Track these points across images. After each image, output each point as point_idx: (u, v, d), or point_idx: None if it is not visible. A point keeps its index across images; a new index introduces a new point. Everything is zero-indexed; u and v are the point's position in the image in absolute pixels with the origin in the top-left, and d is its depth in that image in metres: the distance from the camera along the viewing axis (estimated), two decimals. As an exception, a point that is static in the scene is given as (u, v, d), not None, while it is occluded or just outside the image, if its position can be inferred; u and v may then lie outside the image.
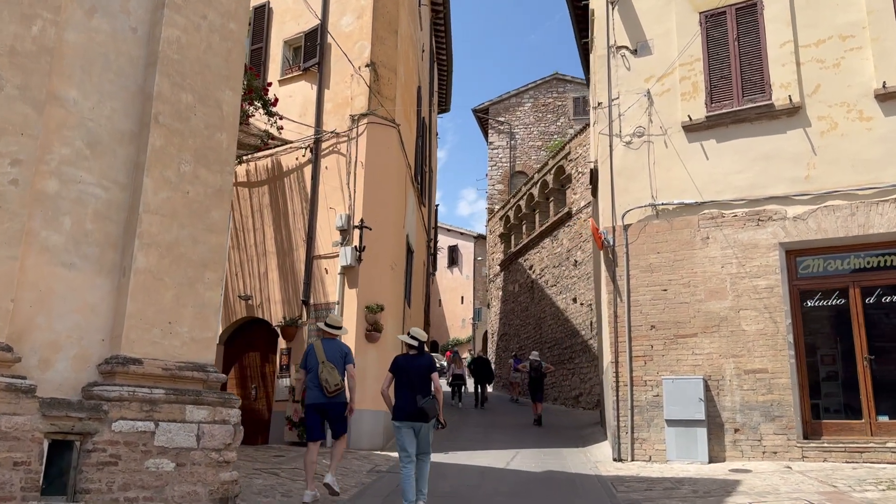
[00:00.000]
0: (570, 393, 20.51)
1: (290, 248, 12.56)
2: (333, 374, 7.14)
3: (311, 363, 7.36)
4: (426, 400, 6.51)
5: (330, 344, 7.45)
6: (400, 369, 6.83)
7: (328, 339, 7.52)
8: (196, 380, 6.66)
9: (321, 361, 7.22)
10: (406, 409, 6.57)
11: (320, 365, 7.20)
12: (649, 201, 10.65)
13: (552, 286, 22.41)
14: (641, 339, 10.26)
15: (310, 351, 7.46)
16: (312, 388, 7.28)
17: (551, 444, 12.44)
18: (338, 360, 7.28)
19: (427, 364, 6.78)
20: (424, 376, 6.68)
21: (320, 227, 12.26)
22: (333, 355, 7.30)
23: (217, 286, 7.16)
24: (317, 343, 7.48)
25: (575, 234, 20.85)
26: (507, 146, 30.79)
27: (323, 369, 7.15)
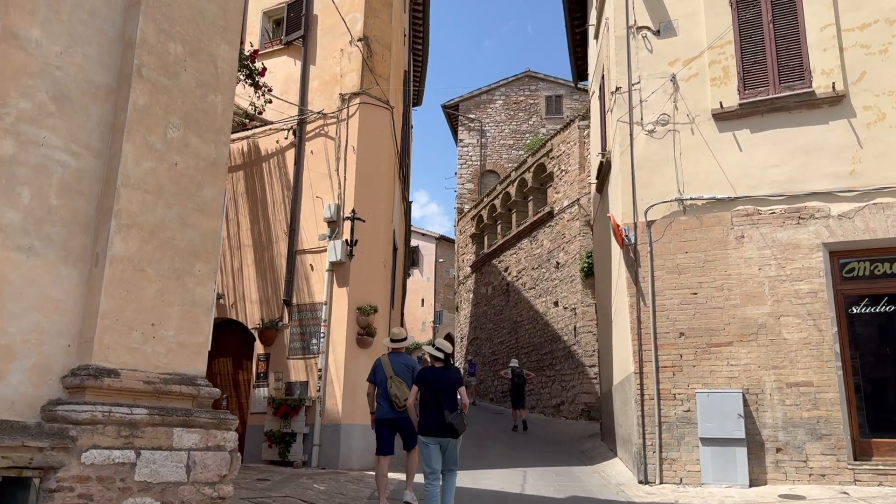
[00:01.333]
0: (551, 401, 19.56)
1: (270, 241, 11.22)
2: (402, 389, 7.08)
3: (379, 377, 7.36)
4: (454, 415, 6.28)
5: (396, 358, 7.45)
6: (426, 383, 6.54)
7: (394, 354, 7.53)
8: (185, 396, 5.39)
9: (389, 376, 7.20)
10: (434, 425, 6.33)
11: (388, 380, 7.19)
12: (676, 196, 9.71)
13: (531, 289, 21.45)
14: (669, 347, 9.29)
15: (377, 366, 7.48)
16: (382, 402, 7.26)
17: (555, 461, 11.39)
18: (405, 374, 7.24)
19: (455, 378, 6.60)
20: (452, 391, 6.47)
21: (304, 219, 10.95)
22: (400, 369, 7.28)
23: (210, 280, 5.88)
24: (384, 358, 7.50)
25: (557, 235, 19.94)
26: (477, 144, 29.78)
27: (392, 384, 7.14)
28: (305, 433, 9.93)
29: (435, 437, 6.34)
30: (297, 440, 9.92)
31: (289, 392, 10.32)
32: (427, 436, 6.38)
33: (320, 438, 9.91)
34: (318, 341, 10.28)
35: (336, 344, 10.19)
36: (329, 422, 9.95)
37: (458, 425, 6.26)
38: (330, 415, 9.97)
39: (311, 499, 7.60)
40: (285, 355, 10.54)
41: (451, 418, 6.24)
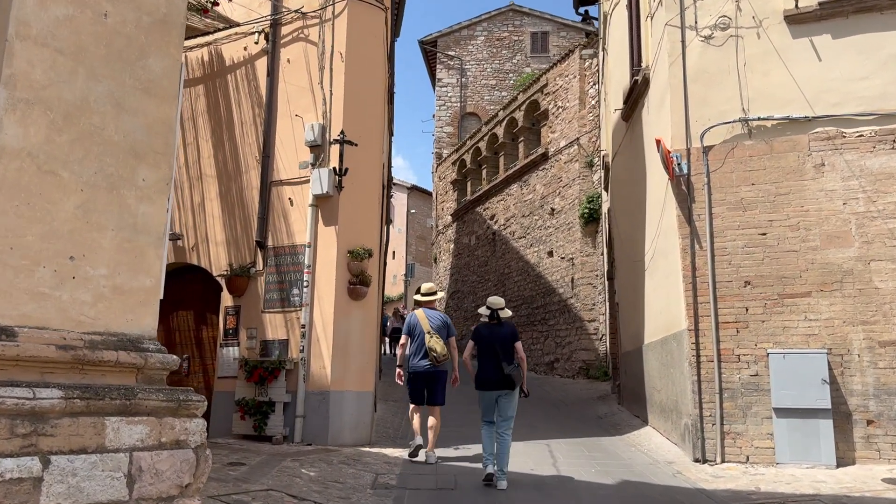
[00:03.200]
0: (543, 358, 18.08)
1: (238, 170, 9.22)
2: (441, 345, 7.30)
3: (415, 332, 7.50)
4: (512, 367, 6.54)
5: (432, 313, 7.64)
6: (483, 339, 6.79)
7: (429, 309, 7.68)
8: (124, 367, 3.63)
9: (426, 331, 7.39)
10: (491, 378, 6.61)
11: (426, 335, 7.37)
12: (739, 115, 8.00)
13: (520, 238, 19.77)
14: (731, 299, 7.68)
15: (413, 320, 7.61)
16: (417, 355, 7.43)
17: (574, 429, 9.84)
18: (441, 329, 7.45)
19: (510, 332, 6.81)
20: (509, 345, 6.69)
21: (281, 142, 8.96)
22: (437, 325, 7.47)
23: (160, 195, 4.04)
24: (420, 313, 7.61)
25: (552, 179, 18.20)
26: (457, 84, 27.67)
27: (430, 339, 7.32)
28: (286, 402, 8.16)
29: (492, 391, 6.64)
30: (275, 410, 8.14)
31: (265, 352, 8.49)
32: (484, 389, 6.69)
33: (304, 408, 8.14)
34: (301, 291, 8.42)
35: (323, 295, 8.35)
36: (315, 388, 8.18)
37: (516, 376, 6.54)
38: (316, 380, 8.19)
39: (301, 491, 5.88)
40: (260, 308, 8.68)
41: (510, 370, 6.51)
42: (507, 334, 6.73)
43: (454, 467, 7.31)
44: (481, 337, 6.79)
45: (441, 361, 7.31)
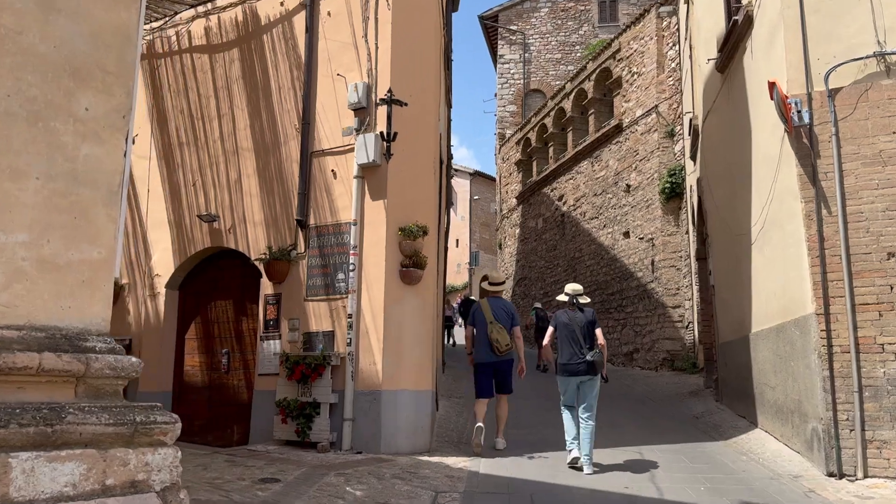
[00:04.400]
0: (621, 349, 16.61)
1: (276, 142, 8.19)
2: (503, 335, 7.14)
3: (479, 321, 7.36)
4: (594, 353, 6.51)
5: (496, 303, 7.48)
6: (563, 326, 6.73)
7: (494, 298, 7.54)
8: (55, 376, 2.43)
9: (489, 322, 7.22)
10: (572, 365, 6.57)
11: (489, 325, 7.19)
12: (873, 49, 6.45)
13: (592, 219, 18.29)
14: (871, 275, 6.17)
15: (476, 310, 7.49)
16: (481, 346, 7.27)
17: (668, 432, 8.45)
18: (505, 320, 7.30)
19: (590, 318, 6.74)
20: (590, 330, 6.65)
21: (322, 107, 7.88)
22: (500, 315, 7.31)
23: (114, 133, 2.96)
24: (483, 302, 7.50)
25: (627, 153, 16.65)
26: (520, 60, 26.22)
27: (492, 329, 7.15)
28: (332, 403, 7.08)
29: (574, 377, 6.60)
30: (320, 413, 7.08)
31: (308, 346, 7.44)
32: (566, 376, 6.64)
33: (353, 411, 7.05)
34: (347, 276, 7.33)
35: (371, 280, 7.23)
36: (365, 387, 7.08)
37: (598, 363, 6.50)
38: (366, 378, 7.09)
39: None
40: (302, 295, 7.63)
41: (592, 356, 6.49)
42: (587, 320, 6.70)
43: (529, 483, 6.08)
44: (561, 324, 6.76)
45: (504, 352, 7.18)
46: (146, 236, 8.99)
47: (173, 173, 8.90)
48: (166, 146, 9.02)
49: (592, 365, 6.47)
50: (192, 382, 8.64)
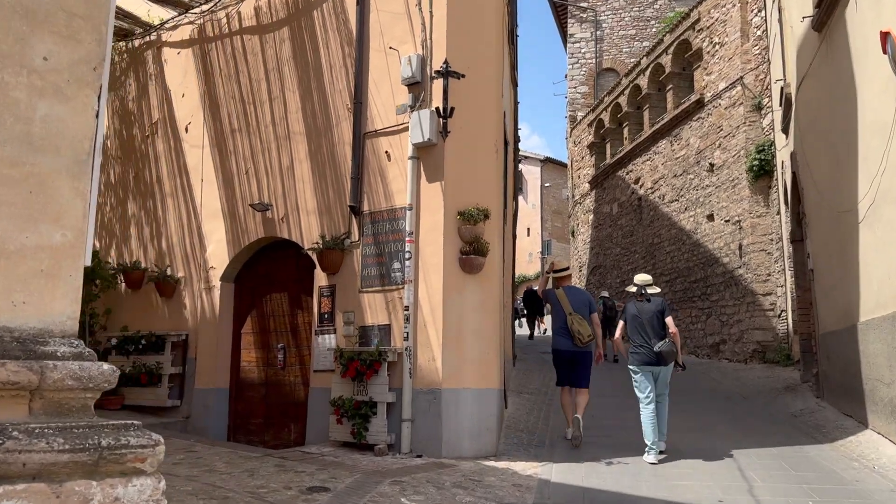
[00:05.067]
0: (706, 340, 15.53)
1: (328, 124, 7.71)
2: (584, 326, 6.99)
3: (556, 311, 7.20)
4: (663, 343, 6.51)
5: (572, 292, 7.33)
6: (633, 317, 6.75)
7: (568, 287, 7.36)
8: None
9: (568, 313, 7.04)
10: (644, 355, 6.58)
11: (568, 316, 7.02)
12: None
13: (672, 202, 17.21)
14: None
15: (554, 300, 7.25)
16: (560, 335, 7.12)
17: (763, 433, 7.57)
18: (583, 309, 7.12)
19: (660, 309, 6.71)
20: (660, 320, 6.63)
21: (374, 84, 7.35)
22: (578, 305, 7.13)
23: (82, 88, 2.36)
24: (559, 292, 7.21)
25: (710, 129, 15.51)
26: (591, 38, 25.13)
27: (573, 321, 6.99)
28: (390, 402, 6.57)
29: (646, 367, 6.58)
30: (377, 413, 6.57)
31: (364, 341, 6.95)
32: (638, 366, 6.62)
33: (412, 411, 6.52)
34: (402, 265, 6.78)
35: (429, 269, 6.67)
36: (424, 386, 6.53)
37: (667, 353, 6.50)
38: (424, 375, 6.54)
39: None
40: (357, 287, 7.14)
41: (661, 346, 6.49)
42: (656, 310, 6.69)
43: (607, 495, 5.40)
44: (631, 315, 6.81)
45: (585, 343, 7.02)
46: (201, 228, 8.71)
47: (226, 161, 8.57)
48: (219, 134, 8.70)
49: (662, 355, 6.48)
50: (249, 379, 8.31)
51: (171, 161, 9.18)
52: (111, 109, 10.04)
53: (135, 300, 9.17)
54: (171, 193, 9.11)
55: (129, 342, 8.71)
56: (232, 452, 6.48)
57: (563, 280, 7.41)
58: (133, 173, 9.62)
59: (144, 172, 9.48)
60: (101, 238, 9.88)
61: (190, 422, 8.31)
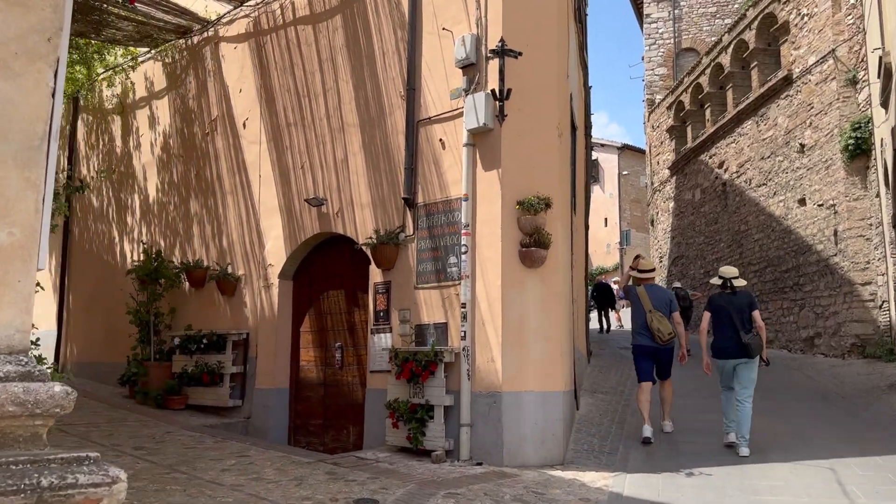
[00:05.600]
0: (798, 334, 14.44)
1: (381, 113, 7.37)
2: (664, 324, 6.91)
3: (636, 308, 7.11)
4: (750, 335, 6.42)
5: (654, 290, 7.26)
6: (718, 309, 6.68)
7: (649, 286, 7.29)
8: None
9: (648, 310, 6.97)
10: (728, 347, 6.53)
11: (648, 314, 6.96)
12: None
13: (759, 186, 16.11)
14: None
15: (634, 297, 7.17)
16: (640, 333, 7.03)
17: (862, 437, 6.77)
18: (664, 307, 7.03)
19: (748, 302, 6.64)
20: (745, 313, 6.55)
21: (427, 69, 6.95)
22: (659, 303, 7.04)
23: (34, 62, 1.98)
24: (640, 290, 7.15)
25: (799, 107, 14.38)
26: (669, 17, 23.96)
27: (653, 318, 6.92)
28: (447, 406, 6.18)
29: (730, 360, 6.54)
30: (434, 417, 6.19)
31: (420, 340, 6.58)
32: (722, 358, 6.60)
33: (471, 415, 6.10)
34: (459, 259, 6.37)
35: (486, 263, 6.23)
36: (483, 388, 6.11)
37: (754, 345, 6.40)
38: (483, 377, 6.11)
39: None
40: (412, 283, 6.78)
41: (748, 339, 6.40)
42: (742, 303, 6.60)
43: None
44: (716, 308, 6.71)
45: (666, 341, 6.92)
46: (259, 225, 8.55)
47: (282, 156, 8.37)
48: (275, 128, 8.51)
49: (747, 348, 6.37)
50: (308, 378, 8.09)
51: (230, 158, 9.07)
52: (173, 108, 10.05)
53: (198, 299, 9.12)
54: (231, 191, 9.00)
55: (192, 341, 8.65)
56: (285, 457, 6.24)
57: (645, 280, 7.33)
58: (194, 171, 9.58)
59: (205, 170, 9.42)
60: (165, 237, 9.91)
61: (251, 422, 8.17)
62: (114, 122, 11.18)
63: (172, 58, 10.18)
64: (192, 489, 4.86)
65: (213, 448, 6.58)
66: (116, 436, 6.90)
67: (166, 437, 7.04)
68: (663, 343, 6.91)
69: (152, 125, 10.42)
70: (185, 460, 5.91)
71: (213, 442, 6.92)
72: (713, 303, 6.79)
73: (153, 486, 4.86)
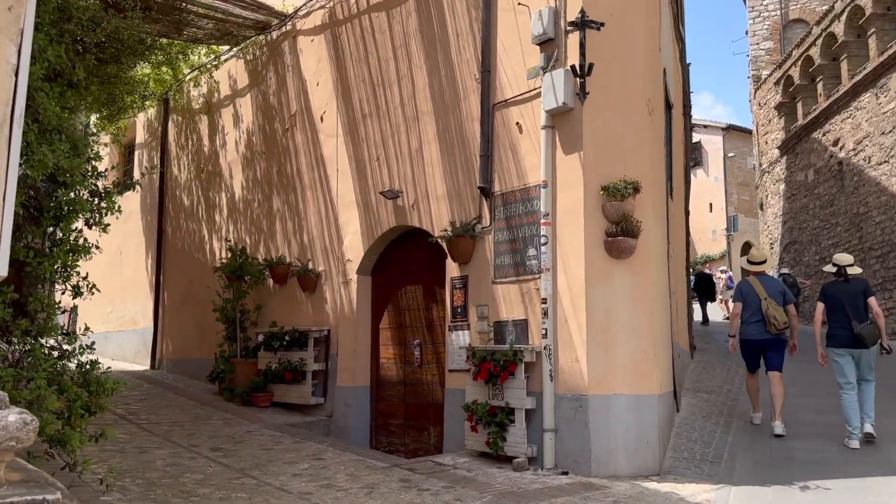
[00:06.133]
0: (930, 325, 13.03)
1: (456, 99, 6.99)
2: (780, 312, 6.76)
3: (749, 298, 6.94)
4: (863, 325, 6.24)
5: (767, 280, 7.15)
6: (831, 297, 6.53)
7: (763, 276, 7.17)
8: None
9: (764, 298, 6.83)
10: (843, 337, 6.35)
11: (763, 301, 6.81)
12: None
13: (880, 164, 14.65)
14: None
15: (746, 287, 7.03)
16: (751, 323, 6.89)
17: None
18: (777, 296, 6.86)
19: (862, 289, 6.47)
20: (861, 302, 6.36)
21: (503, 48, 6.51)
22: (773, 292, 6.89)
23: None
24: (753, 280, 7.04)
25: (928, 74, 12.92)
26: (775, -13, 22.33)
27: (768, 306, 6.77)
28: (528, 409, 5.74)
29: (845, 349, 6.34)
30: (514, 421, 5.77)
31: (499, 338, 6.17)
32: (837, 348, 6.40)
33: (555, 419, 5.64)
34: (538, 251, 5.91)
35: (568, 254, 5.74)
36: (567, 391, 5.63)
37: (869, 335, 6.23)
38: (567, 379, 5.64)
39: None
40: (490, 277, 6.37)
41: (861, 329, 6.22)
42: (856, 291, 6.43)
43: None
44: (829, 297, 6.55)
45: (780, 330, 6.78)
46: (337, 220, 8.36)
47: (358, 149, 8.14)
48: (351, 121, 8.29)
49: (863, 337, 6.20)
50: (388, 377, 7.84)
51: (309, 153, 8.93)
52: (255, 105, 10.04)
53: (282, 295, 9.06)
54: (310, 186, 8.87)
55: (275, 338, 8.59)
56: (360, 461, 5.98)
57: (756, 272, 7.18)
58: (276, 168, 9.52)
59: (286, 166, 9.34)
60: (250, 234, 9.92)
61: (333, 421, 8.01)
62: (201, 121, 11.33)
63: (253, 54, 10.17)
64: (257, 497, 4.66)
65: (289, 449, 6.42)
66: (197, 435, 6.87)
67: (246, 436, 6.95)
68: (777, 332, 6.78)
69: (236, 123, 10.46)
70: (258, 463, 5.76)
71: (292, 442, 6.77)
72: (826, 292, 6.64)
73: (218, 494, 4.69)
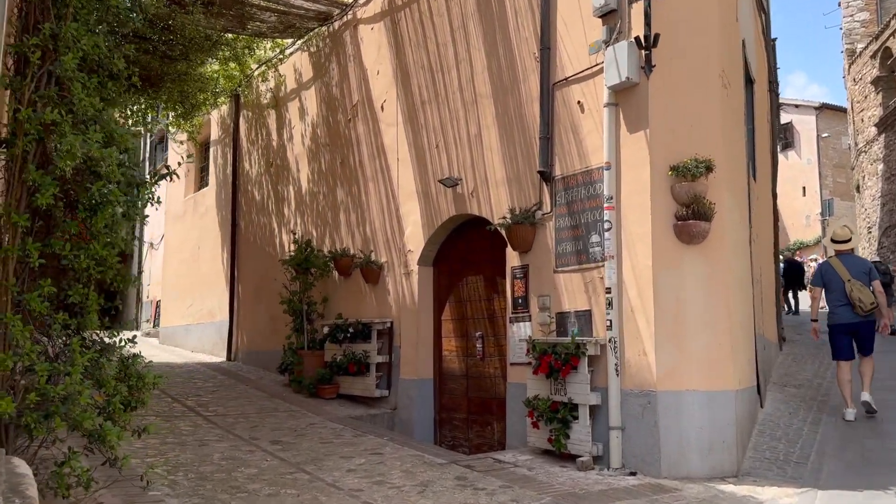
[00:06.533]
0: None
1: (514, 80, 6.67)
2: (865, 293, 6.57)
3: (832, 282, 6.74)
4: None
5: (850, 260, 6.88)
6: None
7: (846, 255, 6.91)
8: None
9: (847, 280, 6.62)
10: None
11: (847, 283, 6.61)
12: None
13: None
14: None
15: (827, 269, 6.85)
16: (838, 307, 6.70)
17: None
18: (862, 276, 6.66)
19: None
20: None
21: (563, 24, 6.15)
22: (858, 272, 6.68)
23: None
24: (834, 261, 6.85)
25: None
26: (871, -48, 20.76)
27: (852, 288, 6.59)
28: (593, 405, 5.40)
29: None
30: (578, 418, 5.44)
31: (562, 329, 5.84)
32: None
33: (622, 417, 5.29)
34: (602, 238, 5.54)
35: (634, 240, 5.35)
36: (634, 386, 5.26)
37: None
38: (634, 373, 5.27)
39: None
40: (551, 266, 6.05)
41: None
42: None
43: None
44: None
45: (868, 311, 6.58)
46: (398, 210, 8.20)
47: (418, 136, 7.94)
48: (411, 108, 8.10)
49: None
50: (451, 369, 7.63)
51: (371, 143, 8.81)
52: (319, 97, 10.00)
53: (347, 287, 9.00)
54: (372, 177, 8.74)
55: (339, 330, 8.53)
56: (417, 457, 5.80)
57: (842, 251, 6.96)
58: (339, 160, 9.45)
59: (349, 158, 9.25)
60: (316, 226, 9.90)
61: (397, 414, 7.88)
62: (269, 116, 11.41)
63: (317, 46, 10.13)
64: (306, 494, 4.53)
65: (349, 443, 6.31)
66: (260, 428, 6.85)
67: (308, 429, 6.89)
68: (864, 314, 6.59)
69: (302, 116, 10.47)
70: (315, 458, 5.66)
71: (352, 436, 6.66)
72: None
73: (267, 490, 4.59)
